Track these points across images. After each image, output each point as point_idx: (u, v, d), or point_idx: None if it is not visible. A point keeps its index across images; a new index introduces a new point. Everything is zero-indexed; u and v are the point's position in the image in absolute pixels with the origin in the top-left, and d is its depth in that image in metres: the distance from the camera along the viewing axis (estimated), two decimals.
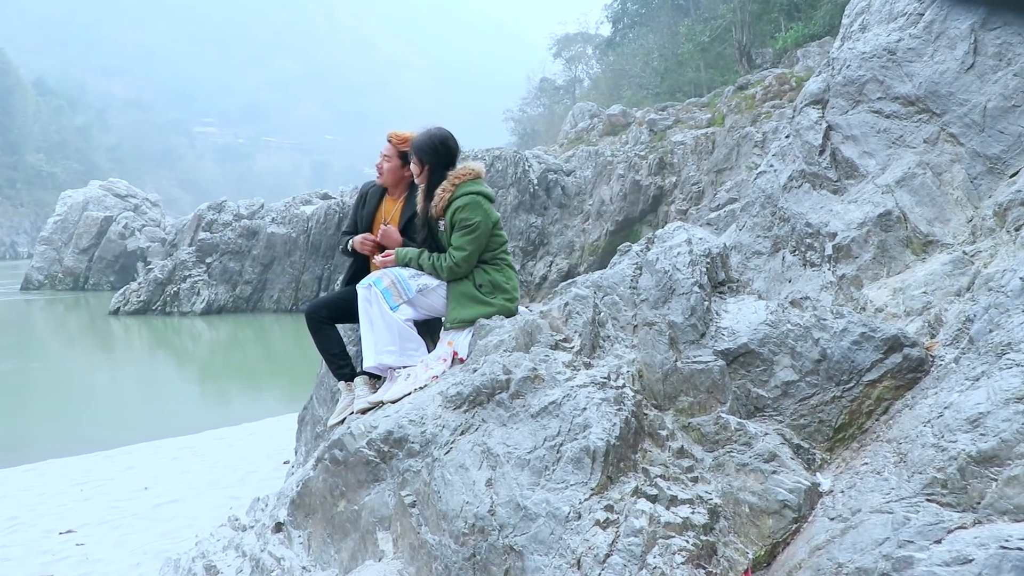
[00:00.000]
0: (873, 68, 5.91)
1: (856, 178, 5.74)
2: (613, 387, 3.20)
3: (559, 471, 2.98)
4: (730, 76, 41.97)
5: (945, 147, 5.29)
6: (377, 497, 3.93)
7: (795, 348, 3.18)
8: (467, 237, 4.85)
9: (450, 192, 4.92)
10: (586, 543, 2.69)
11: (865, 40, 6.13)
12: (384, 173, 5.37)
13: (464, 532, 3.07)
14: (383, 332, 5.00)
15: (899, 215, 5.11)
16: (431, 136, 5.07)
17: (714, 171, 33.60)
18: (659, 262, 3.61)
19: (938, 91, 5.41)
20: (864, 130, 5.82)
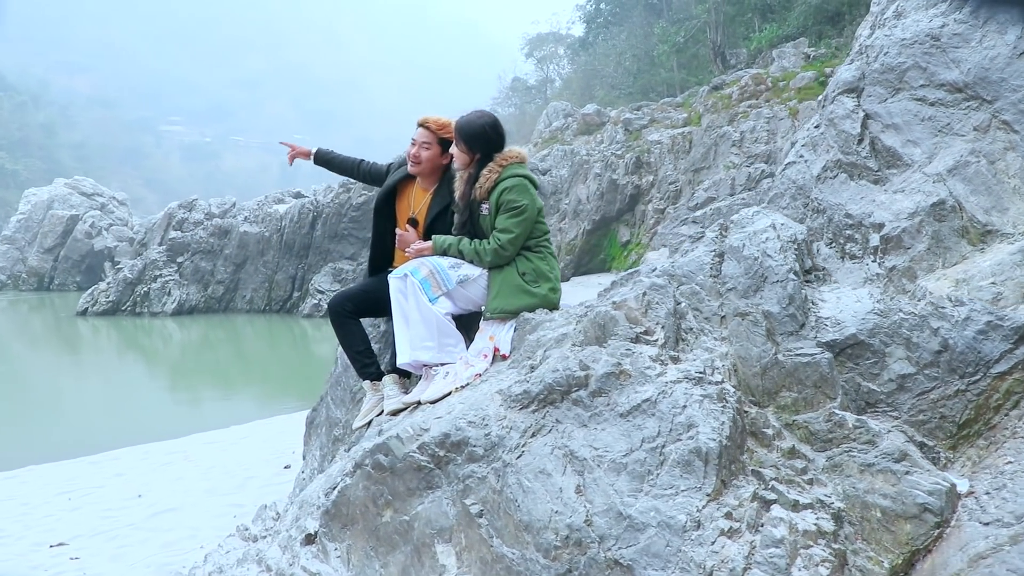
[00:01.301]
0: (915, 55, 5.72)
1: (899, 167, 5.53)
2: (712, 383, 2.94)
3: (664, 476, 2.71)
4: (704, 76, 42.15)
5: (998, 135, 5.10)
6: (433, 506, 3.62)
7: (910, 339, 2.95)
8: (514, 219, 4.59)
9: (496, 174, 4.64)
10: (715, 555, 2.42)
11: (904, 27, 5.94)
12: (424, 162, 5.04)
13: (556, 545, 2.78)
14: (419, 326, 4.70)
15: (953, 204, 4.91)
16: (481, 122, 4.78)
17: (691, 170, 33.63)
18: (746, 248, 3.36)
19: (988, 77, 5.23)
20: (907, 118, 5.62)
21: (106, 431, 12.86)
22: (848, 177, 6.08)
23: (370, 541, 3.99)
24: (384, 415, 5.04)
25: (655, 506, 2.63)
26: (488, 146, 4.69)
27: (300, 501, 5.10)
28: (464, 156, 4.72)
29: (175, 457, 10.40)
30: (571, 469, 2.98)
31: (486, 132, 4.70)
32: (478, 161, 4.72)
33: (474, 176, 4.77)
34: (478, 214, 4.80)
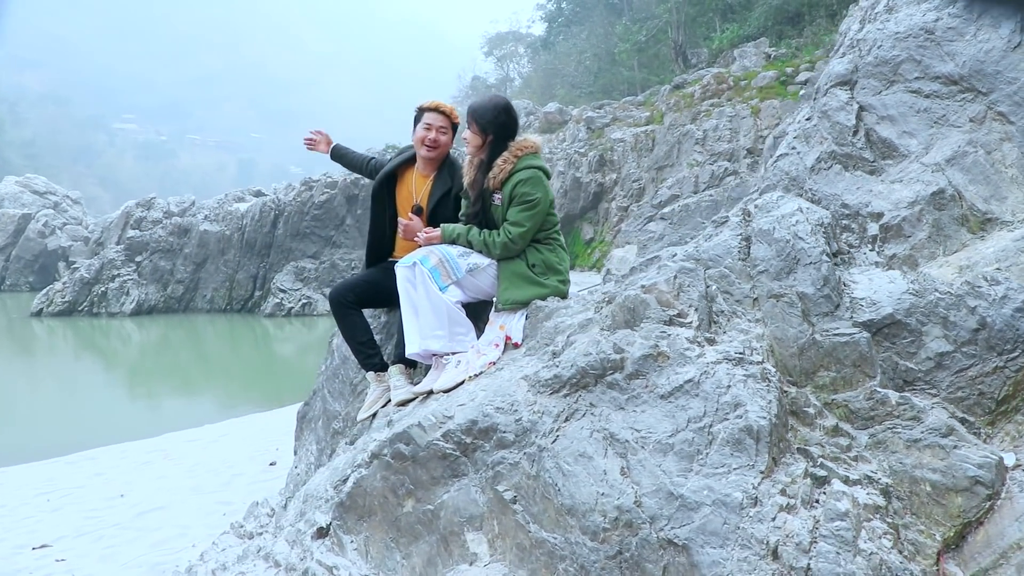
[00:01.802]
0: (909, 48, 5.82)
1: (896, 158, 5.62)
2: (753, 363, 2.95)
3: (714, 455, 2.71)
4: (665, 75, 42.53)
5: (994, 126, 5.22)
6: (460, 494, 3.58)
7: (947, 317, 2.99)
8: (526, 213, 4.56)
9: (512, 164, 4.60)
10: (778, 531, 2.42)
11: (897, 21, 6.05)
12: (442, 147, 5.04)
13: (605, 527, 2.76)
14: (429, 315, 4.64)
15: (953, 193, 5.00)
16: (494, 104, 4.75)
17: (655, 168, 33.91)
18: (776, 231, 3.38)
19: (983, 70, 5.35)
20: (902, 110, 5.72)
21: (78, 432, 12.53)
22: (843, 168, 6.17)
23: (390, 532, 3.93)
24: (391, 406, 4.97)
25: (707, 485, 2.63)
26: (501, 129, 4.65)
27: (304, 496, 5.01)
28: (477, 138, 4.68)
29: (154, 456, 10.17)
30: (612, 451, 2.96)
31: (499, 114, 4.66)
32: (491, 144, 4.68)
33: (486, 163, 4.73)
34: (490, 203, 4.76)
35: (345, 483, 4.42)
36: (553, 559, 2.92)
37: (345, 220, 36.20)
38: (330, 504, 4.45)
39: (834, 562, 2.34)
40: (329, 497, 4.54)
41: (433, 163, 5.18)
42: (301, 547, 4.41)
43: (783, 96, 29.14)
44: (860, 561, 2.34)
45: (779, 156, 7.06)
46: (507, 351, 4.60)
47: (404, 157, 5.36)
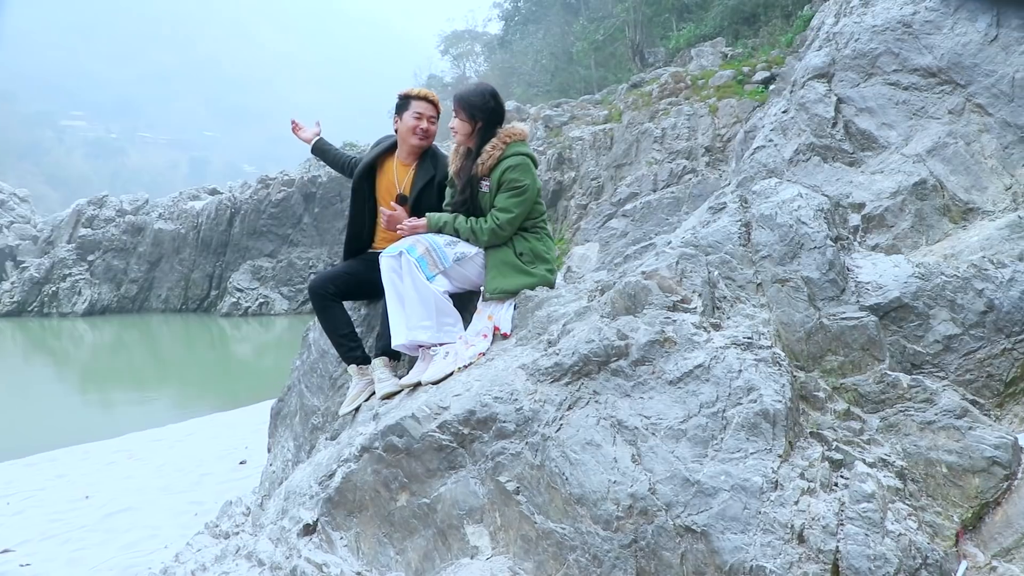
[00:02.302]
0: (887, 41, 5.88)
1: (875, 149, 5.68)
2: (762, 347, 2.91)
3: (729, 440, 2.67)
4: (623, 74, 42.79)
5: (972, 117, 5.29)
6: (458, 487, 3.49)
7: (955, 300, 2.99)
8: (515, 199, 4.50)
9: (500, 151, 4.53)
10: (802, 514, 2.38)
11: (874, 14, 6.11)
12: (432, 136, 5.00)
13: (618, 516, 2.70)
14: (416, 306, 4.54)
15: (935, 184, 5.06)
16: (482, 91, 4.69)
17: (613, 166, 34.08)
18: (779, 216, 3.35)
19: (961, 62, 5.42)
20: (880, 102, 5.78)
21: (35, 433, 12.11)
22: (822, 160, 6.21)
23: (383, 527, 3.83)
24: (375, 399, 4.86)
25: (725, 470, 2.58)
26: (490, 115, 4.59)
27: (285, 493, 4.87)
28: (466, 126, 4.61)
29: (119, 456, 9.86)
30: (621, 439, 2.90)
31: (488, 101, 4.60)
32: (480, 131, 4.62)
33: (475, 151, 4.67)
34: (477, 190, 4.69)
35: (331, 478, 4.30)
36: (562, 550, 2.85)
37: (303, 218, 35.77)
38: (315, 500, 4.32)
39: (863, 544, 2.30)
40: (314, 493, 4.41)
41: (417, 152, 5.10)
42: (286, 545, 4.27)
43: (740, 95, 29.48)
44: (889, 543, 2.31)
45: (756, 148, 7.10)
46: (496, 341, 4.53)
47: (384, 147, 5.26)
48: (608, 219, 29.82)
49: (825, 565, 2.27)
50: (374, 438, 3.93)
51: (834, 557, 2.29)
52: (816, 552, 2.31)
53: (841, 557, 2.28)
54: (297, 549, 4.17)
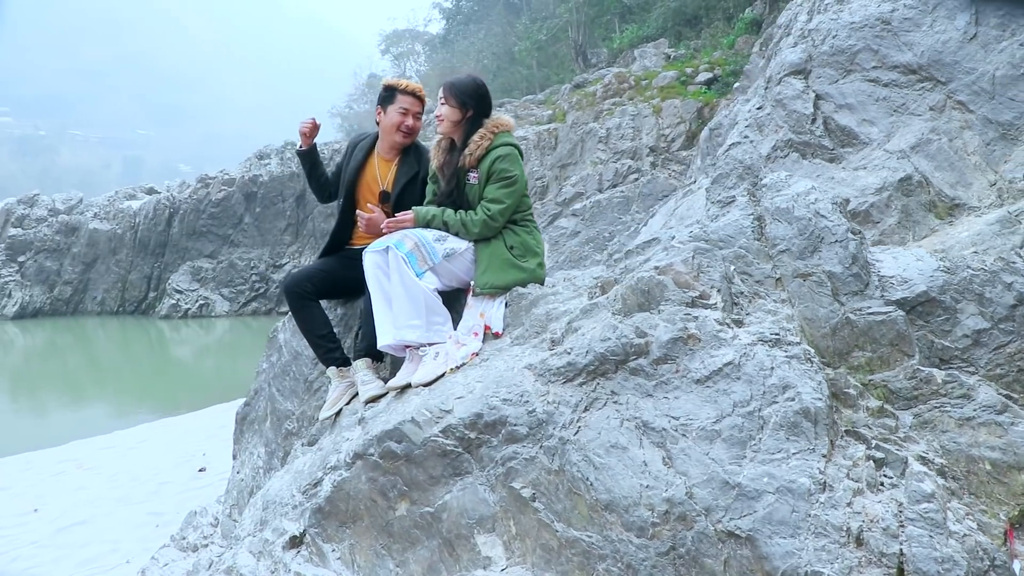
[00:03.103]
0: (865, 38, 5.89)
1: (856, 145, 5.68)
2: (791, 344, 2.81)
3: (768, 440, 2.56)
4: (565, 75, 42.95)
5: (953, 114, 5.32)
6: (465, 494, 3.31)
7: (983, 294, 2.94)
8: (506, 190, 4.36)
9: (489, 141, 4.39)
10: (858, 516, 2.28)
11: (851, 11, 6.12)
12: (417, 132, 4.81)
13: (654, 522, 2.57)
14: (405, 304, 4.35)
15: (920, 179, 5.07)
16: (473, 79, 4.56)
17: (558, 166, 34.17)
18: (796, 209, 3.26)
19: (942, 60, 5.45)
20: (860, 99, 5.79)
21: None
22: (800, 156, 6.20)
23: (380, 538, 3.63)
24: (357, 403, 4.65)
25: (767, 472, 2.47)
26: (480, 104, 4.47)
27: (262, 503, 4.61)
28: (456, 113, 4.46)
29: (67, 466, 9.35)
30: (648, 441, 2.77)
31: (478, 89, 4.49)
32: (469, 120, 4.48)
33: (460, 142, 4.53)
34: (464, 183, 4.54)
35: (317, 487, 4.08)
36: (590, 559, 2.70)
37: (244, 219, 34.99)
38: (300, 511, 4.10)
39: (929, 546, 2.22)
40: (298, 503, 4.19)
41: (399, 147, 4.93)
42: (271, 559, 4.03)
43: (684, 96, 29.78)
44: (954, 544, 2.23)
45: (731, 145, 7.07)
46: (487, 340, 4.37)
47: (367, 144, 5.09)
48: (554, 219, 29.80)
49: (889, 569, 2.17)
50: (368, 444, 3.73)
51: (898, 560, 2.20)
52: (878, 555, 2.21)
53: (906, 560, 2.19)
54: (284, 563, 3.94)
